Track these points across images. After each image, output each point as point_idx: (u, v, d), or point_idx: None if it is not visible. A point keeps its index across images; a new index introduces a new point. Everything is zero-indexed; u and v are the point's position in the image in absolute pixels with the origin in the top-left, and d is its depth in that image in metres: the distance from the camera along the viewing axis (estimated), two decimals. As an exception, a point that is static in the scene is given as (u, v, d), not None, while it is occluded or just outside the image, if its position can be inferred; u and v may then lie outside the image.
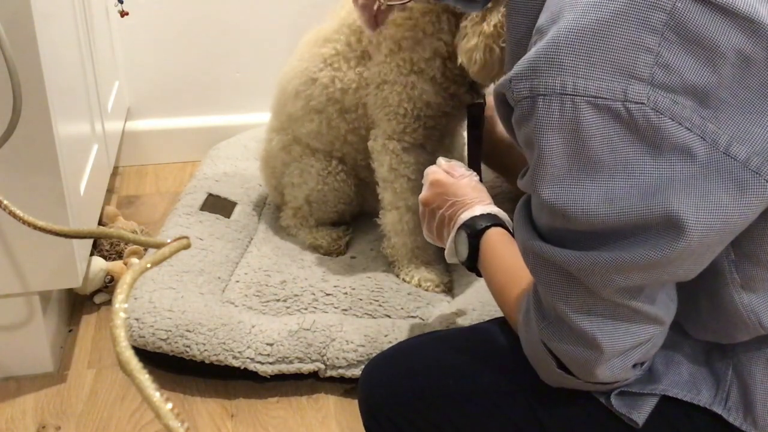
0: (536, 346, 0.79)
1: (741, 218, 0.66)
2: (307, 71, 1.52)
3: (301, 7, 2.12)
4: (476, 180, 1.10)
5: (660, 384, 0.79)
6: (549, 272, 0.73)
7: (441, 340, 0.97)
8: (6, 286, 1.29)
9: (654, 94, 0.64)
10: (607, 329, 0.72)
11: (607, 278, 0.69)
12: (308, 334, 1.33)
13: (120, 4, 1.94)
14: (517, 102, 0.69)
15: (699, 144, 0.64)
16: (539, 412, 0.84)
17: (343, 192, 1.61)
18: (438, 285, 1.48)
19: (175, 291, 1.40)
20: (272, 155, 1.66)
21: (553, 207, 0.68)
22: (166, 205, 1.94)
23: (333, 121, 1.52)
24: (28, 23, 1.13)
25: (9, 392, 1.34)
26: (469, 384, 0.88)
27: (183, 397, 1.33)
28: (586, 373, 0.76)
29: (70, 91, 1.41)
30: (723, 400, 0.78)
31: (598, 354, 0.73)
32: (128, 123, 2.16)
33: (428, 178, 1.11)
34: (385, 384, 0.92)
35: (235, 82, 2.18)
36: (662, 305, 0.73)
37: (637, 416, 0.79)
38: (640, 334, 0.73)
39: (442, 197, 1.07)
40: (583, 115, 0.65)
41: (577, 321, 0.72)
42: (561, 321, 0.74)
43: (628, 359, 0.74)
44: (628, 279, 0.68)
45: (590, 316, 0.72)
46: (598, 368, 0.74)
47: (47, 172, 1.22)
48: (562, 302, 0.73)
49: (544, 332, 0.77)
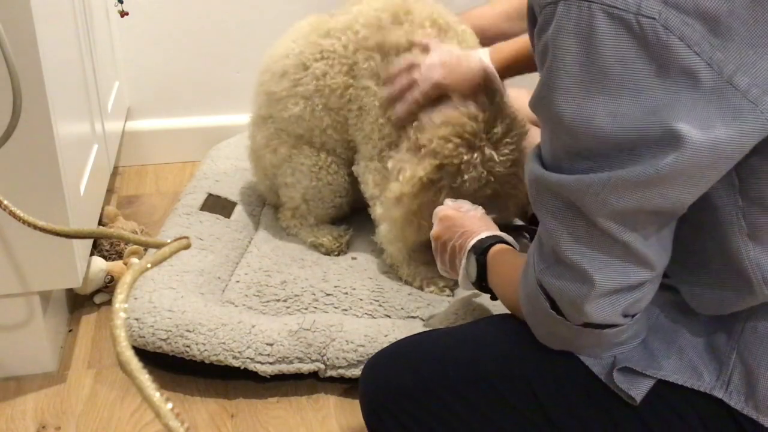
0: (532, 292, 0.81)
1: (734, 145, 0.68)
2: (302, 56, 1.51)
3: (302, 8, 2.12)
4: (482, 212, 1.20)
5: (660, 370, 0.81)
6: (550, 202, 0.75)
7: (441, 334, 0.99)
8: (6, 286, 1.29)
9: (666, 11, 0.65)
10: (599, 264, 0.74)
11: (602, 199, 0.71)
12: (308, 334, 1.33)
13: (120, 4, 1.94)
14: (542, 9, 0.71)
15: (705, 70, 0.66)
16: (541, 396, 0.85)
17: (338, 184, 1.61)
18: (442, 290, 1.49)
19: (175, 291, 1.40)
20: (259, 154, 1.65)
21: (561, 117, 0.71)
22: (166, 205, 1.94)
23: (316, 111, 1.52)
24: (28, 23, 1.13)
25: (9, 392, 1.34)
26: (469, 372, 0.89)
27: (183, 397, 1.33)
28: (576, 310, 0.77)
29: (70, 91, 1.41)
30: (725, 384, 0.79)
31: (589, 288, 0.75)
32: (128, 123, 2.16)
33: (437, 216, 1.20)
34: (385, 379, 0.93)
35: (235, 82, 2.18)
36: (655, 249, 0.75)
37: (635, 393, 0.80)
38: (631, 276, 0.75)
39: (452, 230, 1.15)
40: (598, 23, 0.67)
41: (571, 255, 0.75)
42: (558, 260, 0.77)
43: (617, 303, 0.76)
44: (622, 200, 0.70)
45: (584, 251, 0.75)
46: (588, 305, 0.76)
47: (47, 172, 1.22)
48: (559, 236, 0.75)
49: (541, 272, 0.79)
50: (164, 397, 0.45)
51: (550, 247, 0.78)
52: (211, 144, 2.08)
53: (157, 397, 0.45)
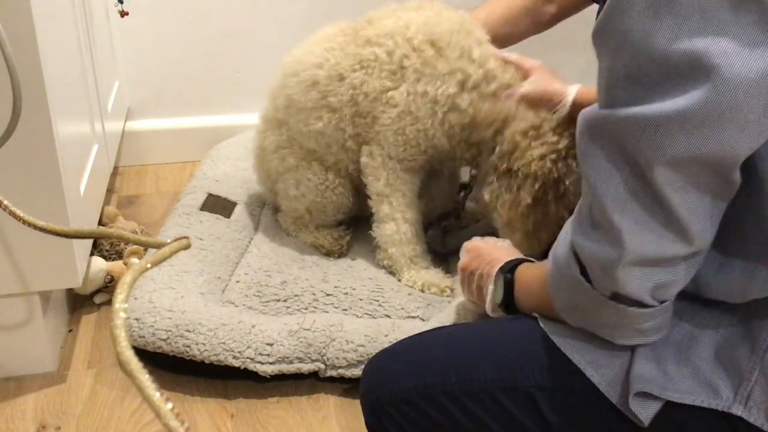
0: (563, 257, 0.80)
1: None
2: (338, 66, 1.48)
3: (302, 8, 2.13)
4: (509, 244, 1.20)
5: (677, 392, 0.78)
6: (601, 150, 0.73)
7: (444, 336, 0.98)
8: (6, 286, 1.29)
9: None
10: (635, 227, 0.72)
11: (657, 143, 0.69)
12: (308, 334, 1.33)
13: (120, 4, 1.94)
14: None
15: None
16: (544, 410, 0.85)
17: (342, 204, 1.61)
18: (443, 290, 1.49)
19: (175, 291, 1.40)
20: (266, 157, 1.64)
21: (626, 36, 0.69)
22: (166, 205, 1.94)
23: (342, 122, 1.50)
24: (28, 23, 1.13)
25: (9, 392, 1.34)
26: (472, 381, 0.88)
27: (183, 397, 1.33)
28: (607, 275, 0.76)
29: (70, 91, 1.41)
30: (744, 399, 0.77)
31: (619, 252, 0.73)
32: (128, 123, 2.16)
33: (465, 248, 1.20)
34: (387, 381, 0.92)
35: (235, 82, 2.18)
36: (698, 222, 0.72)
37: (645, 416, 0.79)
38: (666, 248, 0.73)
39: (479, 259, 1.13)
40: None
41: (611, 211, 0.73)
42: (593, 221, 0.76)
43: (648, 276, 0.74)
44: (675, 142, 0.68)
45: (624, 209, 0.73)
46: (618, 271, 0.74)
47: (47, 172, 1.22)
48: (604, 188, 0.74)
49: (575, 233, 0.78)
50: (164, 397, 0.45)
51: (588, 205, 0.76)
52: (211, 144, 2.08)
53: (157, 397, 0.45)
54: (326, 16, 1.64)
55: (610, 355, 0.83)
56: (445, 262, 1.60)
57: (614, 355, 0.83)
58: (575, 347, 0.85)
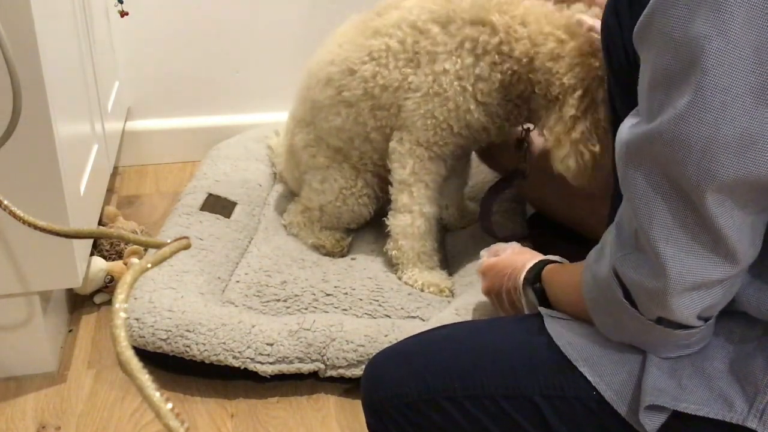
0: (604, 278, 0.78)
1: None
2: (348, 61, 1.48)
3: (301, 8, 2.13)
4: (518, 246, 1.18)
5: (691, 403, 0.77)
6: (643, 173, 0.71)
7: (446, 338, 0.96)
8: (6, 286, 1.29)
9: None
10: (680, 254, 0.71)
11: (704, 165, 0.66)
12: (308, 334, 1.33)
13: (120, 4, 1.94)
14: None
15: None
16: (548, 417, 0.84)
17: (360, 214, 1.61)
18: (442, 290, 1.49)
19: (175, 291, 1.40)
20: (296, 151, 1.65)
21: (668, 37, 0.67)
22: (166, 205, 1.94)
23: (361, 116, 1.50)
24: (28, 23, 1.13)
25: (9, 392, 1.34)
26: (475, 386, 0.87)
27: (183, 397, 1.33)
28: (656, 304, 0.74)
29: (70, 91, 1.41)
30: (759, 413, 0.75)
31: (665, 282, 0.71)
32: (128, 123, 2.16)
33: (480, 272, 1.19)
34: (388, 383, 0.92)
35: (234, 82, 2.18)
36: (745, 241, 0.70)
37: (651, 426, 0.77)
38: (713, 272, 0.71)
39: (499, 276, 1.12)
40: None
41: (655, 239, 0.71)
42: (639, 246, 0.73)
43: (697, 301, 0.72)
44: (724, 168, 0.66)
45: (669, 237, 0.71)
46: (666, 299, 0.72)
47: (47, 172, 1.22)
48: (647, 215, 0.71)
49: (619, 260, 0.76)
50: (164, 397, 0.45)
51: (631, 231, 0.74)
52: (211, 144, 2.08)
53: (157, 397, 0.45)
54: (327, 16, 1.64)
55: (617, 362, 0.82)
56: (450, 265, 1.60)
57: (622, 361, 0.82)
58: (580, 353, 0.84)
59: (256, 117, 2.18)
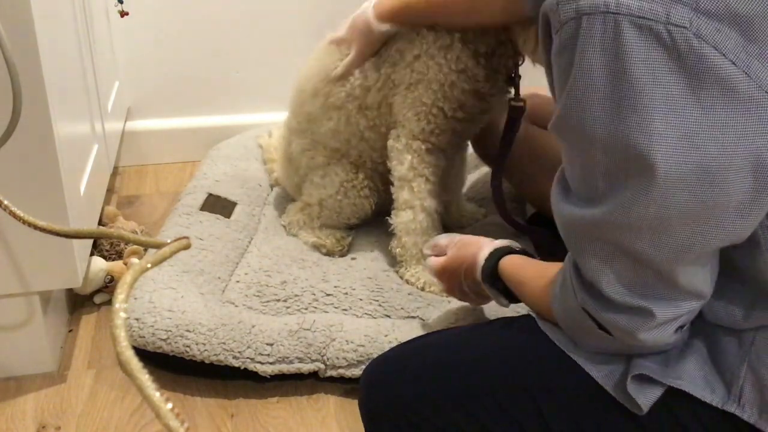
0: (575, 314, 0.79)
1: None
2: (325, 68, 1.51)
3: (301, 8, 2.13)
4: (457, 238, 1.16)
5: (678, 378, 0.79)
6: (592, 246, 0.73)
7: (442, 341, 0.97)
8: (6, 286, 1.29)
9: (697, 19, 0.62)
10: (653, 302, 0.73)
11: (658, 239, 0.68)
12: (308, 334, 1.33)
13: (120, 4, 1.94)
14: (562, 25, 0.67)
15: (743, 80, 0.62)
16: (544, 410, 0.84)
17: (362, 208, 1.61)
18: (443, 290, 1.48)
19: (175, 291, 1.40)
20: (294, 158, 1.66)
21: (594, 138, 0.67)
22: (166, 205, 1.94)
23: (352, 117, 1.51)
24: (28, 23, 1.13)
25: (9, 392, 1.34)
26: (471, 385, 0.88)
27: (183, 397, 1.33)
28: (629, 337, 0.76)
29: (70, 91, 1.41)
30: (737, 397, 0.77)
31: (648, 320, 0.74)
32: (128, 123, 2.16)
33: (434, 275, 1.19)
34: (386, 388, 0.92)
35: (234, 82, 2.18)
36: (706, 280, 0.74)
37: (644, 401, 0.79)
38: (684, 308, 0.74)
39: (454, 276, 1.12)
40: (626, 36, 0.63)
41: (620, 297, 0.74)
42: (609, 302, 0.75)
43: (666, 330, 0.75)
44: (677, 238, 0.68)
45: (632, 292, 0.73)
46: (642, 334, 0.75)
47: (47, 172, 1.22)
48: (605, 279, 0.74)
49: (588, 303, 0.77)
50: (164, 397, 0.45)
51: (597, 289, 0.75)
52: (211, 144, 2.08)
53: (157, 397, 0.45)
54: (327, 16, 1.64)
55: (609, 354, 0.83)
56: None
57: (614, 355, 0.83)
58: (574, 344, 0.85)
59: (256, 117, 2.18)
